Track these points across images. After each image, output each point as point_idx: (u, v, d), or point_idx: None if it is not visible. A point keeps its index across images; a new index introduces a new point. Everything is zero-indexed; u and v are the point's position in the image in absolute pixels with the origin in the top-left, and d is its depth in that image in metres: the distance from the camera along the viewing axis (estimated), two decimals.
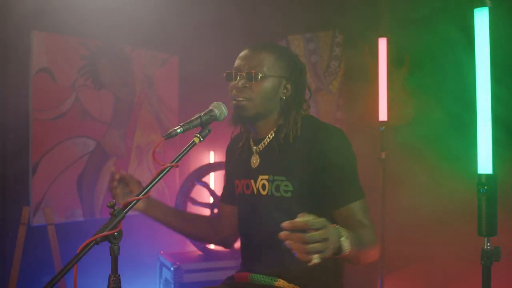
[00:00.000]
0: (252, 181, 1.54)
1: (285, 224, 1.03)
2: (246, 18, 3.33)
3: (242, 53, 1.53)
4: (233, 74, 1.50)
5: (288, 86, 1.52)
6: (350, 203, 1.40)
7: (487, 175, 1.28)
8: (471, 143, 1.35)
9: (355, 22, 2.95)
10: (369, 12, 2.78)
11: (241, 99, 1.46)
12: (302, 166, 1.44)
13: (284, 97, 1.52)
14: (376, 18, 2.64)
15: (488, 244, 1.27)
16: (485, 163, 1.28)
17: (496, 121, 1.29)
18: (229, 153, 1.75)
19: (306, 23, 3.25)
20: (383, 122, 2.53)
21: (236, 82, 1.48)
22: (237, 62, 1.52)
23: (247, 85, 1.46)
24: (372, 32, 2.66)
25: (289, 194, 1.45)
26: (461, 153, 2.21)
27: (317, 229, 1.04)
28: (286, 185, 1.45)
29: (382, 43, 2.53)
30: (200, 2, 3.32)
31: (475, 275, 1.38)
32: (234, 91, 1.48)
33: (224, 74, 1.52)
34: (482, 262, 1.27)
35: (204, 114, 1.32)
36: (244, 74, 1.47)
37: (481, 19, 1.30)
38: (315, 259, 1.04)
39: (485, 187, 1.27)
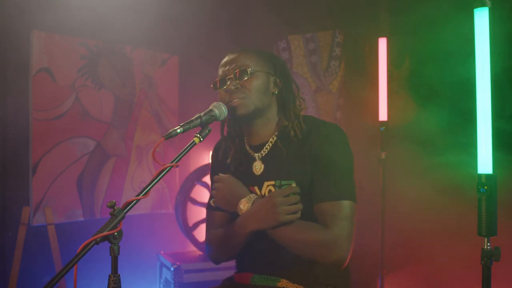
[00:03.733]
0: (256, 187, 1.52)
1: None
2: (247, 18, 3.33)
3: (223, 61, 1.54)
4: (221, 81, 1.50)
5: (277, 80, 1.54)
6: (324, 201, 1.39)
7: (487, 175, 1.28)
8: (471, 143, 1.35)
9: (355, 22, 2.95)
10: (369, 12, 2.78)
11: (236, 100, 1.45)
12: (305, 166, 1.45)
13: (275, 92, 1.53)
14: (376, 18, 2.64)
15: (488, 244, 1.27)
16: (485, 163, 1.28)
17: (496, 121, 1.29)
18: (216, 161, 1.70)
19: (306, 23, 3.25)
20: (383, 122, 2.53)
21: (227, 86, 1.47)
22: (221, 70, 1.53)
23: (239, 85, 1.46)
24: (372, 32, 2.66)
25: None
26: (461, 153, 2.22)
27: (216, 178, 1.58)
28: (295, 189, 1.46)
29: (382, 43, 2.53)
30: (200, 2, 3.32)
31: (475, 275, 1.38)
32: (227, 96, 1.47)
33: (211, 85, 1.53)
34: (482, 262, 1.27)
35: (204, 114, 1.31)
36: (233, 76, 1.47)
37: (481, 19, 1.30)
38: (212, 202, 1.57)
39: (485, 187, 1.27)
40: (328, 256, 1.36)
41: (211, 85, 1.53)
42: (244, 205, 1.47)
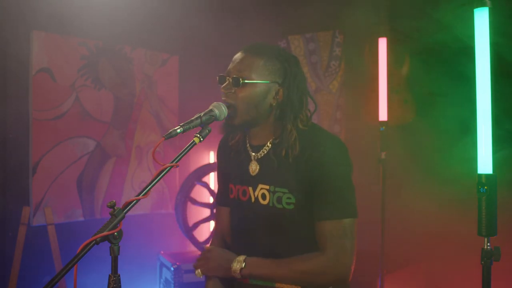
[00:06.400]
0: (251, 188, 1.52)
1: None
2: (246, 18, 3.33)
3: (235, 56, 1.51)
4: (223, 78, 1.48)
5: (280, 91, 1.46)
6: (323, 220, 1.38)
7: (487, 175, 1.27)
8: (471, 143, 1.35)
9: (355, 22, 2.95)
10: (369, 12, 2.78)
11: (227, 103, 1.43)
12: (302, 178, 1.42)
13: (274, 104, 1.46)
14: (376, 18, 2.64)
15: (488, 244, 1.27)
16: (485, 163, 1.28)
17: (496, 121, 1.29)
18: (221, 152, 1.70)
19: (306, 23, 3.25)
20: (383, 122, 2.53)
21: (224, 85, 1.47)
22: (229, 65, 1.51)
23: (232, 90, 1.44)
24: (372, 32, 2.66)
25: (291, 206, 1.43)
26: (461, 152, 2.22)
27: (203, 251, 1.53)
28: (288, 197, 1.43)
29: (382, 43, 2.53)
30: (200, 2, 3.32)
31: (475, 275, 1.38)
32: (223, 95, 1.47)
33: (217, 77, 1.51)
34: (482, 262, 1.26)
35: (204, 114, 1.31)
36: (231, 78, 1.45)
37: (481, 19, 1.30)
38: (198, 273, 1.51)
39: (485, 187, 1.26)
40: (331, 278, 1.37)
41: (217, 77, 1.51)
42: (237, 264, 1.46)
